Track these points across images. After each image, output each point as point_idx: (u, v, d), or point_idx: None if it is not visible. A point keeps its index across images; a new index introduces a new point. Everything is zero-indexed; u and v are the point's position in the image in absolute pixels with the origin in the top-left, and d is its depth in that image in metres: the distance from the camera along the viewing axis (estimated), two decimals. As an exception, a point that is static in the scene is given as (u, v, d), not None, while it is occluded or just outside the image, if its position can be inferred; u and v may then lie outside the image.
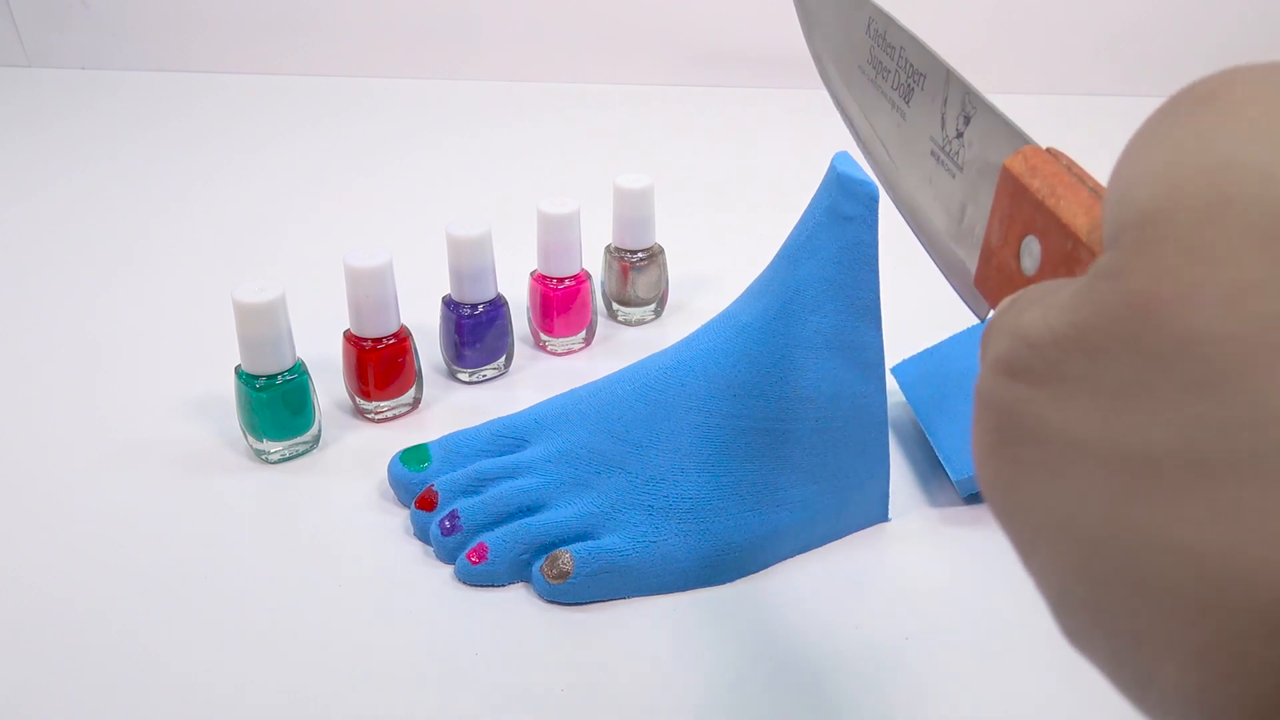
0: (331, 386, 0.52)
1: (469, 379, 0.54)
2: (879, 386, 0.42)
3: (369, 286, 0.47)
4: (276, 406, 0.46)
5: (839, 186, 0.40)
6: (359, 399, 0.50)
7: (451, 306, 0.52)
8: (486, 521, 0.42)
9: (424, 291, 0.56)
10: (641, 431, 0.42)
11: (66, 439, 0.49)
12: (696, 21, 1.01)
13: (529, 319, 0.57)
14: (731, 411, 0.41)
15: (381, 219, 0.75)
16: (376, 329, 0.49)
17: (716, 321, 0.44)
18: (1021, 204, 0.25)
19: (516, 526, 0.41)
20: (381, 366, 0.49)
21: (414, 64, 1.04)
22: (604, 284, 0.60)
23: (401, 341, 0.49)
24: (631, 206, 0.57)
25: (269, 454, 0.47)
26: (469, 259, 0.51)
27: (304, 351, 0.48)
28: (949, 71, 0.32)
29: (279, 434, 0.47)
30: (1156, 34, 1.00)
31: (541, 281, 0.55)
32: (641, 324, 0.60)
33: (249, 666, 0.37)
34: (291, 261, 0.68)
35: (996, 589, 0.41)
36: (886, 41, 0.36)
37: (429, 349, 0.55)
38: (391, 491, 0.45)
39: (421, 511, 0.43)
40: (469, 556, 0.41)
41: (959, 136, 0.31)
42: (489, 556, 0.40)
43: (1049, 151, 0.26)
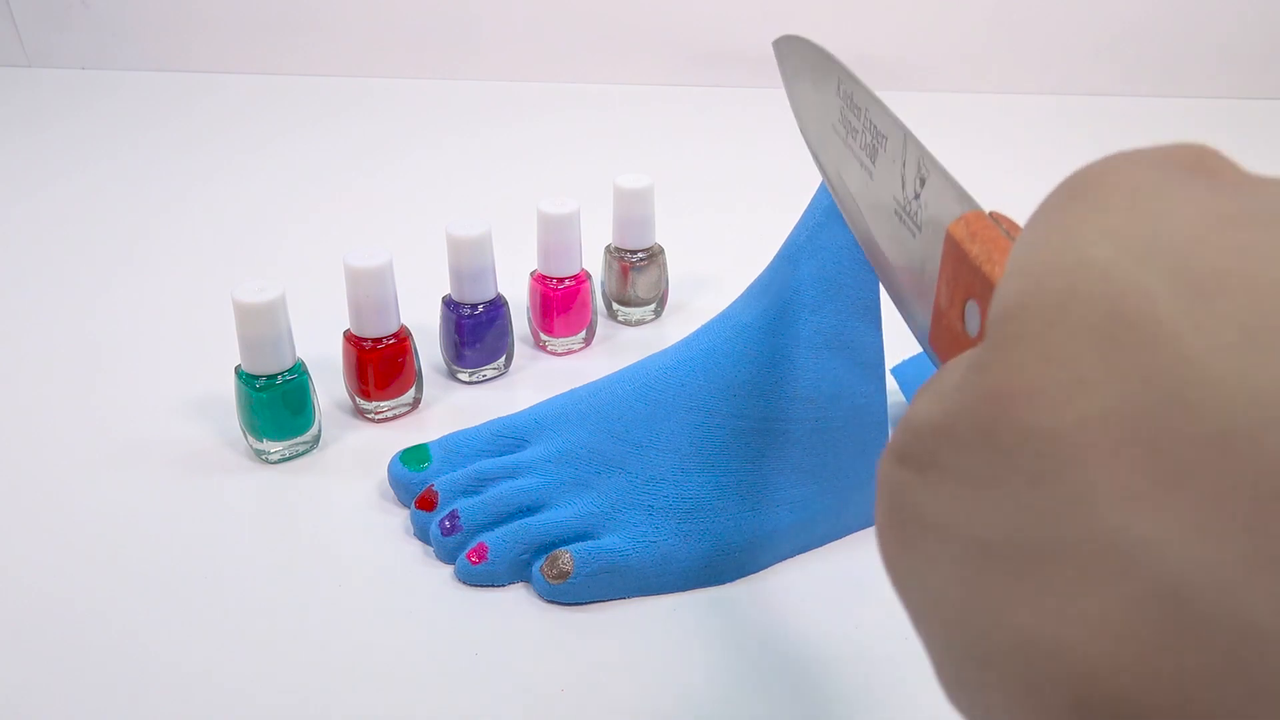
0: (331, 386, 0.52)
1: (469, 379, 0.54)
2: (879, 386, 0.42)
3: (369, 286, 0.47)
4: (276, 406, 0.46)
5: None
6: (359, 399, 0.50)
7: (451, 306, 0.52)
8: (486, 521, 0.42)
9: (424, 291, 0.56)
10: (641, 431, 0.42)
11: (66, 439, 0.49)
12: (696, 21, 1.02)
13: (529, 319, 0.57)
14: (731, 411, 0.41)
15: (381, 219, 0.75)
16: (376, 329, 0.49)
17: (716, 321, 0.44)
18: (962, 268, 0.26)
19: (516, 526, 0.41)
20: (381, 366, 0.49)
21: (414, 64, 1.04)
22: (604, 284, 0.60)
23: (401, 341, 0.49)
24: (631, 206, 0.57)
25: (269, 454, 0.47)
26: (469, 259, 0.51)
27: (304, 351, 0.48)
28: (906, 134, 0.33)
29: (279, 434, 0.47)
30: (1156, 34, 1.00)
31: (541, 281, 0.55)
32: (641, 324, 0.60)
33: (249, 666, 0.37)
34: (291, 261, 0.68)
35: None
36: (854, 102, 0.37)
37: (429, 349, 0.55)
38: (391, 491, 0.45)
39: (421, 511, 0.43)
40: (469, 556, 0.41)
41: (917, 198, 0.32)
42: (489, 556, 0.40)
43: (992, 216, 0.27)
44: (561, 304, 0.55)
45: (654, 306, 0.60)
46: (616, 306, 0.60)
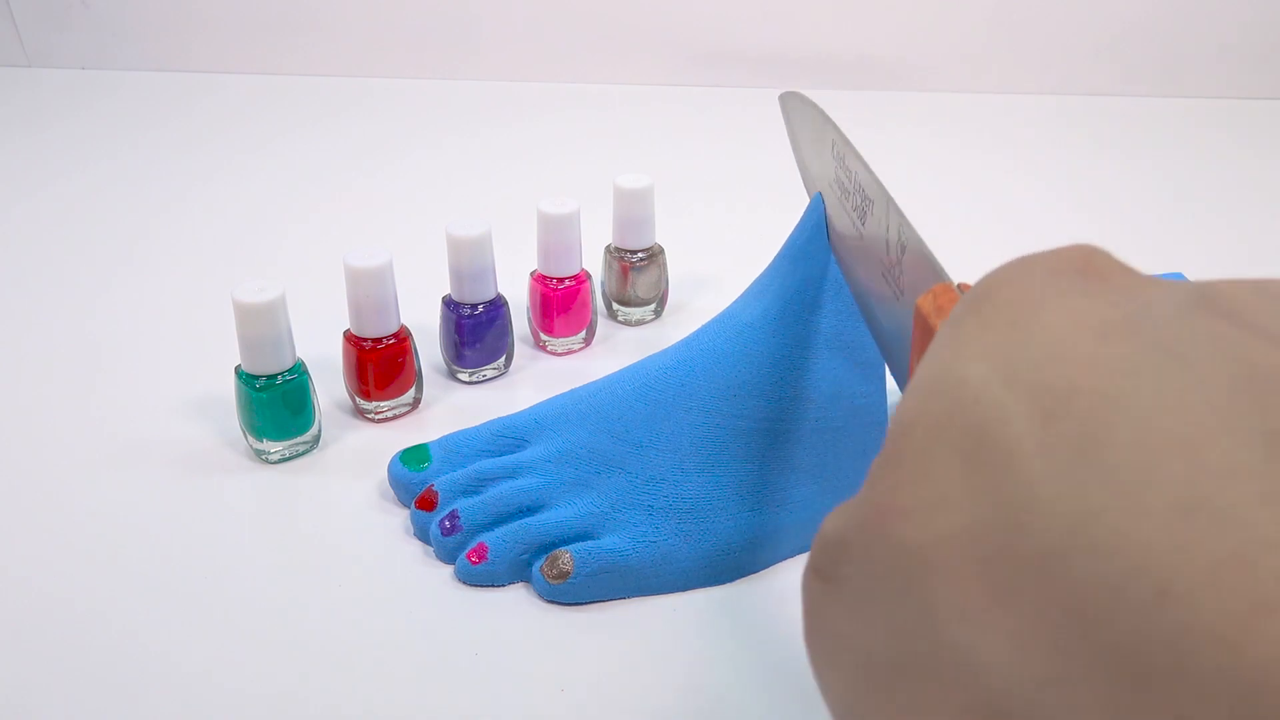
0: (331, 386, 0.52)
1: (469, 379, 0.54)
2: (879, 386, 0.42)
3: (369, 286, 0.47)
4: (276, 406, 0.46)
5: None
6: (359, 399, 0.50)
7: (451, 306, 0.52)
8: (486, 521, 0.42)
9: (424, 291, 0.56)
10: (641, 431, 0.42)
11: (66, 439, 0.49)
12: (696, 21, 1.02)
13: (529, 319, 0.57)
14: (732, 411, 0.41)
15: (381, 219, 0.75)
16: (376, 329, 0.49)
17: (716, 321, 0.44)
18: (928, 341, 0.26)
19: (516, 526, 0.41)
20: (381, 366, 0.49)
21: (414, 64, 1.04)
22: (604, 284, 0.60)
23: (401, 341, 0.49)
24: (631, 206, 0.57)
25: (269, 454, 0.47)
26: (469, 259, 0.51)
27: (304, 351, 0.48)
28: (889, 200, 0.34)
29: (279, 434, 0.47)
30: (1156, 34, 1.00)
31: (541, 281, 0.55)
32: (641, 324, 0.60)
33: (249, 666, 0.37)
34: (291, 261, 0.68)
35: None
36: (845, 165, 0.39)
37: (429, 349, 0.55)
38: (391, 491, 0.45)
39: (421, 511, 0.43)
40: (469, 556, 0.41)
41: (899, 263, 0.33)
42: (489, 556, 0.40)
43: (960, 289, 0.28)
44: (561, 304, 0.55)
45: (654, 306, 0.60)
46: (616, 306, 0.60)
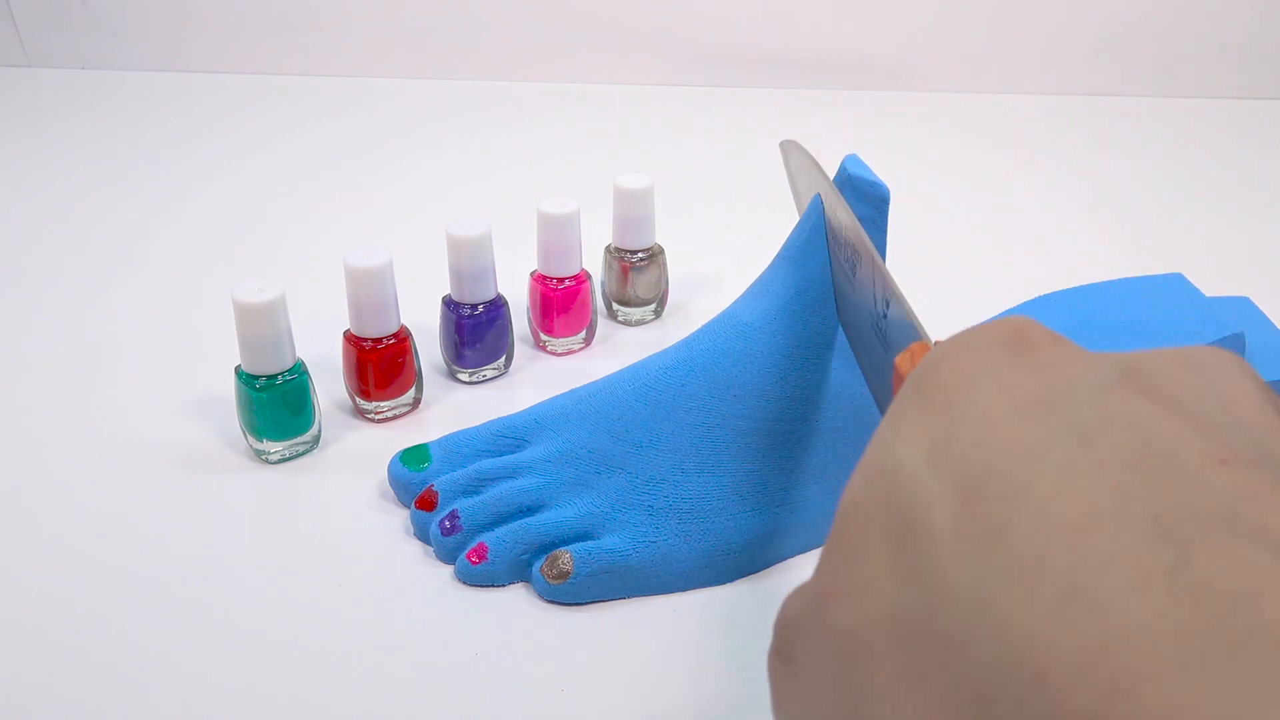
0: (331, 386, 0.52)
1: (469, 379, 0.54)
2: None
3: (369, 286, 0.47)
4: (276, 406, 0.46)
5: (850, 187, 0.39)
6: (359, 399, 0.50)
7: (451, 306, 0.52)
8: (486, 521, 0.42)
9: (424, 291, 0.56)
10: (642, 431, 0.42)
11: (66, 439, 0.49)
12: (696, 21, 1.02)
13: (529, 319, 0.57)
14: (732, 412, 0.41)
15: (381, 219, 0.75)
16: (376, 329, 0.49)
17: (717, 322, 0.44)
18: None
19: (516, 526, 0.41)
20: (381, 366, 0.49)
21: (414, 64, 1.04)
22: (604, 284, 0.60)
23: (401, 341, 0.49)
24: (631, 206, 0.57)
25: (269, 454, 0.47)
26: (469, 259, 0.51)
27: (304, 351, 0.48)
28: (874, 257, 0.35)
29: (279, 434, 0.47)
30: (1156, 34, 1.00)
31: (541, 281, 0.55)
32: (641, 324, 0.60)
33: (249, 666, 0.37)
34: (291, 261, 0.68)
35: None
36: (836, 216, 0.39)
37: (429, 349, 0.55)
38: (391, 491, 0.45)
39: (421, 511, 0.43)
40: (469, 556, 0.41)
41: (884, 317, 0.34)
42: (489, 556, 0.40)
43: (936, 346, 0.28)
44: (561, 304, 0.55)
45: (654, 306, 0.60)
46: (616, 306, 0.60)
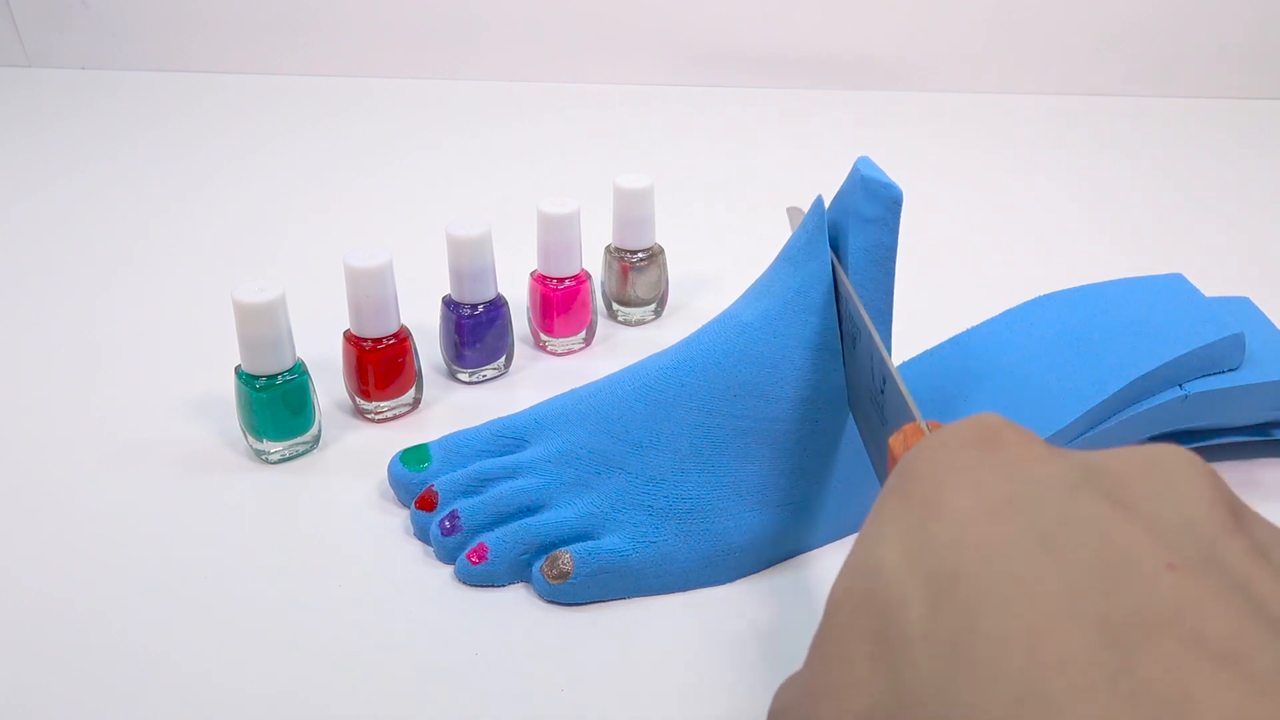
0: (331, 386, 0.52)
1: (469, 379, 0.54)
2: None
3: (369, 286, 0.47)
4: (276, 406, 0.46)
5: (863, 189, 0.39)
6: (359, 399, 0.50)
7: (451, 306, 0.52)
8: (486, 522, 0.42)
9: (424, 291, 0.56)
10: (642, 431, 0.42)
11: (66, 439, 0.49)
12: (696, 21, 1.02)
13: (529, 319, 0.57)
14: (732, 412, 0.41)
15: (381, 219, 0.75)
16: (376, 329, 0.49)
17: (717, 322, 0.44)
18: None
19: (516, 527, 0.41)
20: (381, 366, 0.49)
21: (414, 64, 1.04)
22: (604, 284, 0.60)
23: (401, 341, 0.49)
24: (631, 206, 0.57)
25: (269, 454, 0.47)
26: (469, 259, 0.51)
27: (304, 351, 0.48)
28: (872, 333, 0.35)
29: (279, 434, 0.47)
30: (1156, 34, 1.00)
31: (541, 281, 0.55)
32: (641, 324, 0.60)
33: (249, 666, 0.37)
34: (291, 261, 0.68)
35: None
36: (838, 288, 0.40)
37: (429, 349, 0.55)
38: (391, 491, 0.45)
39: (421, 511, 0.43)
40: (469, 556, 0.41)
41: (881, 393, 0.34)
42: (489, 556, 0.40)
43: (929, 427, 0.29)
44: (561, 304, 0.55)
45: (654, 306, 0.60)
46: (616, 306, 0.60)
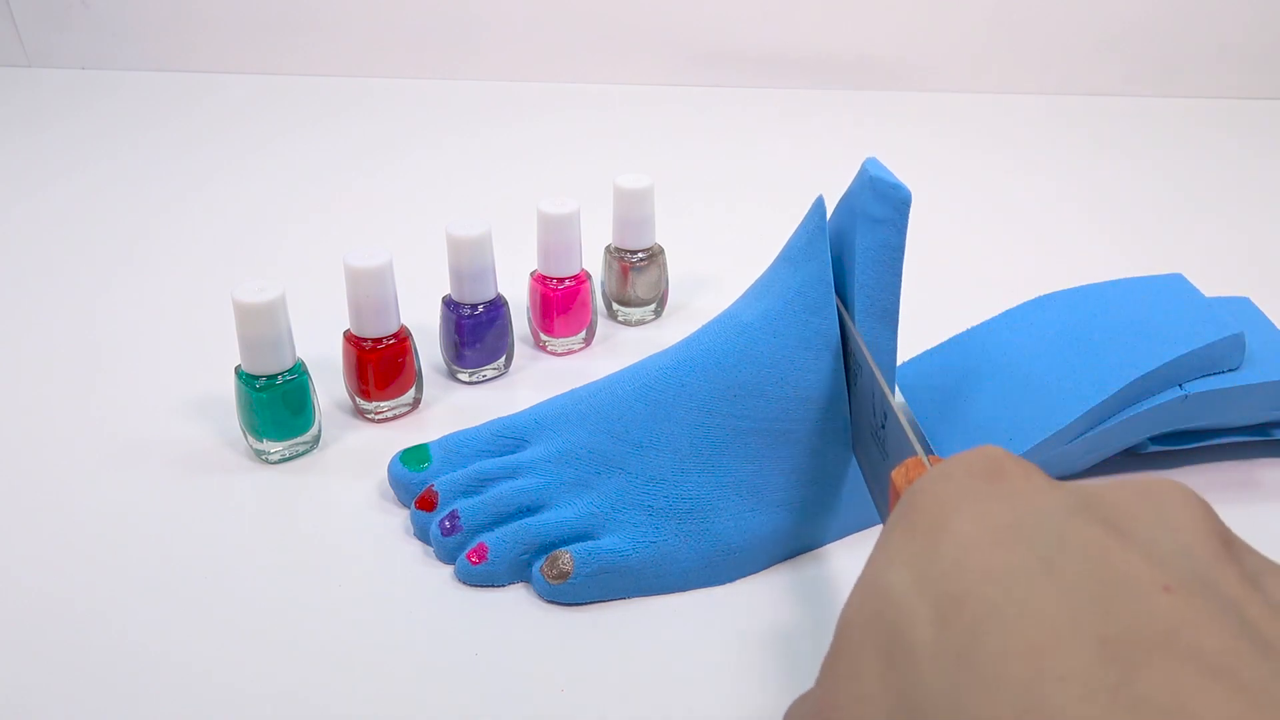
0: (331, 386, 0.52)
1: (469, 379, 0.54)
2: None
3: (369, 286, 0.47)
4: (276, 406, 0.46)
5: (871, 189, 0.39)
6: (359, 399, 0.50)
7: (451, 306, 0.52)
8: (486, 522, 0.42)
9: (424, 291, 0.56)
10: (641, 431, 0.42)
11: (66, 439, 0.49)
12: (696, 21, 1.02)
13: (529, 319, 0.57)
14: (732, 412, 0.41)
15: (381, 219, 0.75)
16: (376, 329, 0.49)
17: (717, 322, 0.44)
18: None
19: (516, 527, 0.41)
20: (381, 366, 0.49)
21: (414, 64, 1.04)
22: (604, 284, 0.60)
23: (401, 342, 0.49)
24: (631, 206, 0.57)
25: (269, 454, 0.47)
26: (469, 259, 0.51)
27: (304, 351, 0.48)
28: (872, 371, 0.36)
29: (279, 434, 0.47)
30: (1156, 34, 1.00)
31: (541, 281, 0.55)
32: (641, 324, 0.60)
33: (249, 666, 0.37)
34: (291, 261, 0.68)
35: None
36: (843, 326, 0.41)
37: (429, 349, 0.55)
38: (391, 491, 0.45)
39: (421, 511, 0.43)
40: (469, 556, 0.41)
41: (882, 428, 0.35)
42: (489, 556, 0.40)
43: (930, 461, 0.29)
44: (561, 304, 0.55)
45: (654, 306, 0.60)
46: (616, 306, 0.60)
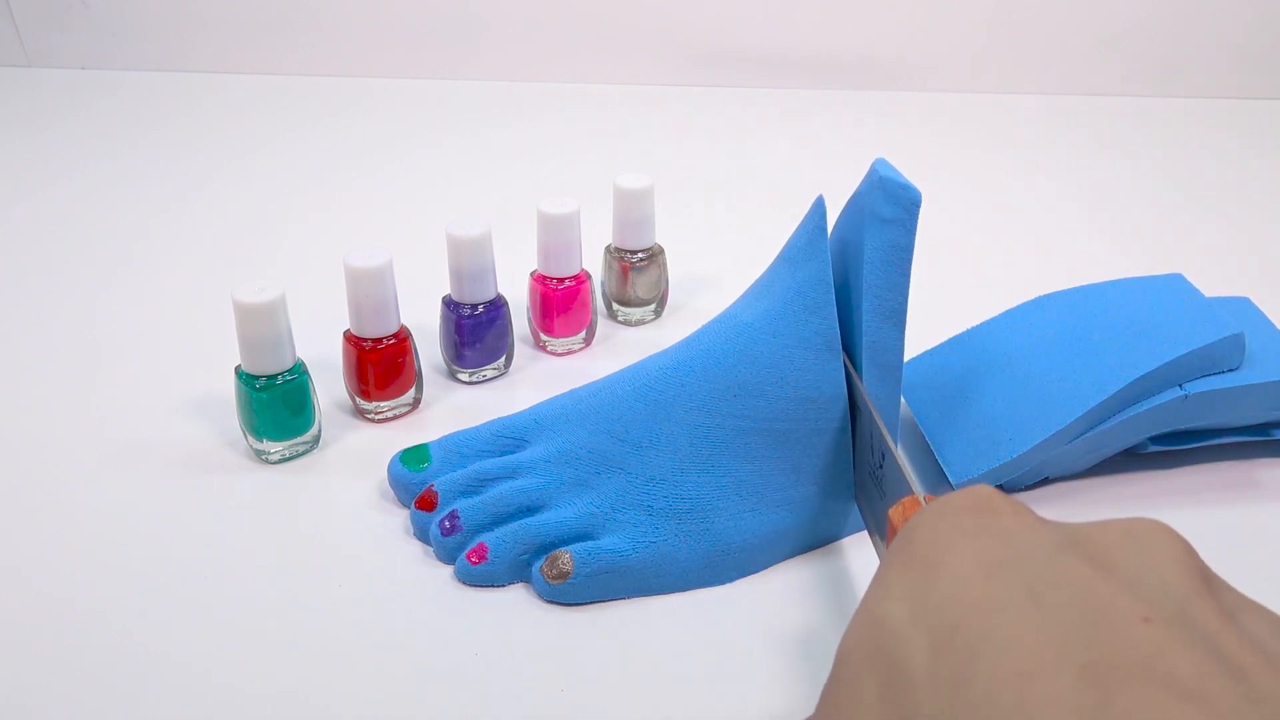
0: (331, 386, 0.52)
1: (469, 379, 0.54)
2: (894, 390, 0.42)
3: (369, 286, 0.47)
4: (276, 406, 0.46)
5: (881, 190, 0.39)
6: (359, 399, 0.50)
7: (451, 306, 0.52)
8: (486, 522, 0.42)
9: (424, 291, 0.56)
10: (641, 431, 0.42)
11: (66, 439, 0.49)
12: (696, 21, 1.02)
13: (529, 319, 0.57)
14: (732, 412, 0.41)
15: (381, 219, 0.75)
16: (376, 329, 0.49)
17: (717, 322, 0.44)
18: None
19: (516, 527, 0.41)
20: (381, 366, 0.49)
21: (414, 64, 1.04)
22: (604, 284, 0.60)
23: (401, 342, 0.49)
24: (631, 206, 0.57)
25: (269, 454, 0.47)
26: (469, 259, 0.51)
27: (304, 351, 0.48)
28: (871, 411, 0.37)
29: (279, 434, 0.47)
30: (1156, 34, 1.00)
31: (541, 281, 0.55)
32: (641, 324, 0.60)
33: (249, 666, 0.37)
34: (291, 261, 0.68)
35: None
36: (847, 373, 0.41)
37: (429, 349, 0.55)
38: (391, 491, 0.45)
39: (421, 511, 0.43)
40: (469, 556, 0.41)
41: (880, 468, 0.36)
42: (489, 556, 0.40)
43: (925, 500, 0.30)
44: (561, 304, 0.55)
45: (654, 306, 0.60)
46: (616, 306, 0.60)
